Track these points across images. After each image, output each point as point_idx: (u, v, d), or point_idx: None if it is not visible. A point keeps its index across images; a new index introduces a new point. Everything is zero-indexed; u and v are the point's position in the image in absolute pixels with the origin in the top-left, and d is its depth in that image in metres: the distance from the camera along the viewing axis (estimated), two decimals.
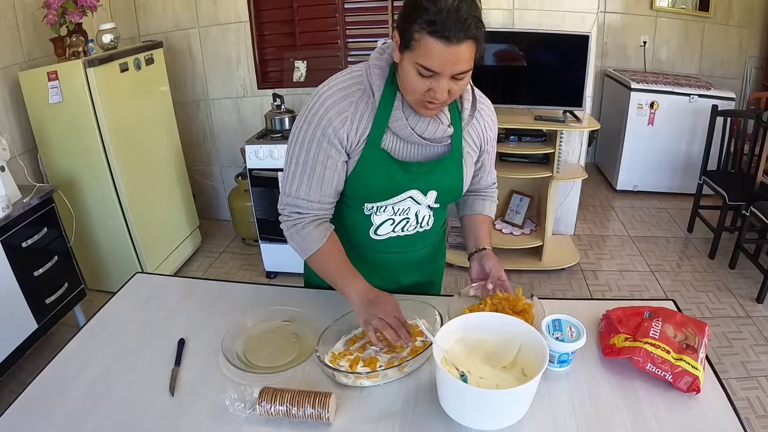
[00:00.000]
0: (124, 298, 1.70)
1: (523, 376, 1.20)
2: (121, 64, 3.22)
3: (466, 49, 1.17)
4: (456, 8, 1.13)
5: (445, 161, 1.43)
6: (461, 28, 1.13)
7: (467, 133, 1.46)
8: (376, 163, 1.37)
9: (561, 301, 1.63)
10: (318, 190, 1.40)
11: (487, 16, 2.20)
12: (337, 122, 1.33)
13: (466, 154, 1.47)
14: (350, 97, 1.34)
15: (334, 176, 1.39)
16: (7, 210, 2.60)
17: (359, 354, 1.33)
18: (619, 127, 4.82)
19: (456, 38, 1.14)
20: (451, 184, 1.47)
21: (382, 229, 1.50)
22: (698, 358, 1.25)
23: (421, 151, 1.41)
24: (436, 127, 1.36)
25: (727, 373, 2.75)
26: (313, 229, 1.42)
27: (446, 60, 1.17)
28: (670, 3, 5.08)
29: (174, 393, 1.29)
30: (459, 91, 1.26)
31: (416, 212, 1.49)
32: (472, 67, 1.23)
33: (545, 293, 3.51)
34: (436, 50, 1.16)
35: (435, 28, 1.13)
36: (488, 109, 1.51)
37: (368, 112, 1.34)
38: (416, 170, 1.40)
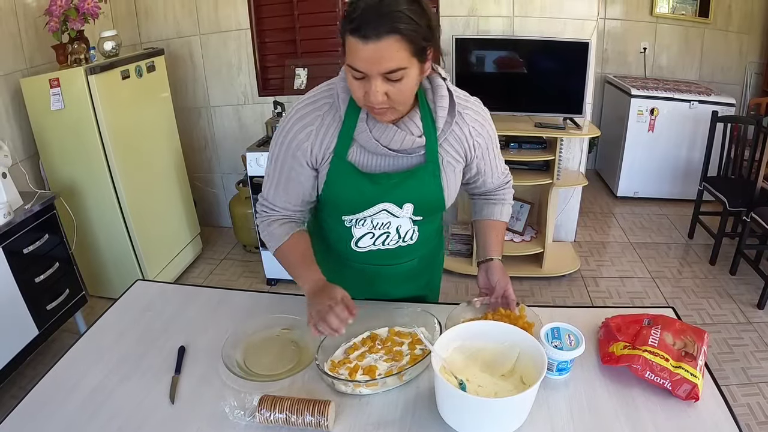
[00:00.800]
0: (124, 306, 1.71)
1: (521, 385, 1.20)
2: (123, 71, 3.23)
3: (388, 45, 1.11)
4: (376, 4, 1.11)
5: (419, 173, 1.37)
6: (379, 23, 1.10)
7: (446, 141, 1.39)
8: (344, 176, 1.37)
9: (560, 309, 1.63)
10: (284, 197, 1.45)
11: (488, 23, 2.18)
12: (302, 136, 1.35)
13: (447, 164, 1.40)
14: (317, 111, 1.35)
15: (298, 187, 1.43)
16: (9, 216, 2.61)
17: (358, 362, 1.34)
18: (620, 134, 4.83)
19: (374, 34, 1.10)
20: (430, 197, 1.41)
21: (362, 242, 1.49)
22: (697, 365, 1.25)
23: (391, 162, 1.38)
24: (402, 138, 1.31)
25: (728, 380, 2.74)
26: (278, 226, 1.47)
27: (368, 58, 1.13)
28: (670, 9, 5.09)
29: (174, 400, 1.29)
30: (401, 94, 1.20)
31: (397, 226, 1.46)
32: (407, 66, 1.15)
33: (546, 300, 3.51)
34: (358, 49, 1.13)
35: (353, 26, 1.12)
36: (474, 113, 1.41)
37: (334, 125, 1.34)
38: (385, 182, 1.37)
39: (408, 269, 1.60)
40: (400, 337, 1.43)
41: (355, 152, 1.36)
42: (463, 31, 3.66)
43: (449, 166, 1.41)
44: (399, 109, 1.25)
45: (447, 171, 1.41)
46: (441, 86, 1.34)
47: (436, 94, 1.33)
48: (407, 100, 1.25)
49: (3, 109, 3.07)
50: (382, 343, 1.41)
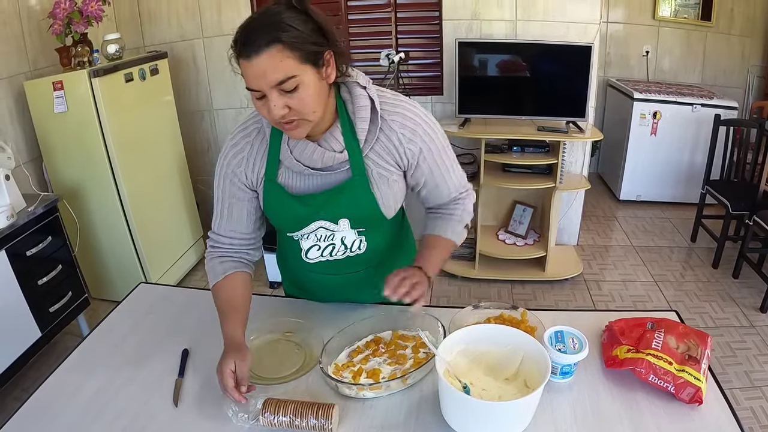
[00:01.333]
0: (128, 308, 1.71)
1: (525, 388, 1.20)
2: (126, 74, 3.24)
3: (270, 56, 1.11)
4: (248, 23, 1.15)
5: (348, 188, 1.34)
6: (254, 38, 1.11)
7: (372, 152, 1.34)
8: (276, 198, 1.38)
9: (563, 313, 1.63)
10: (229, 225, 1.45)
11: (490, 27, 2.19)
12: (235, 163, 1.38)
13: (378, 175, 1.35)
14: (247, 137, 1.37)
15: (242, 211, 1.43)
16: (12, 219, 2.62)
17: (362, 365, 1.34)
18: (622, 137, 4.82)
19: (254, 50, 1.11)
20: (364, 210, 1.38)
21: (311, 254, 1.48)
22: (701, 369, 1.25)
23: (319, 180, 1.36)
24: (322, 155, 1.30)
25: (731, 383, 2.74)
26: (218, 263, 1.45)
27: (255, 74, 1.13)
28: (673, 13, 5.09)
29: (178, 404, 1.30)
30: (303, 105, 1.17)
31: (342, 237, 1.44)
32: (298, 74, 1.14)
33: (548, 304, 3.51)
34: (246, 68, 1.14)
35: (237, 50, 1.15)
36: (403, 119, 1.33)
37: (263, 149, 1.36)
38: (313, 202, 1.36)
39: (365, 277, 1.55)
40: (403, 341, 1.43)
41: (283, 174, 1.37)
42: (465, 35, 3.67)
43: (381, 178, 1.36)
44: (309, 119, 1.21)
45: (379, 182, 1.36)
46: (360, 96, 1.31)
47: (354, 104, 1.30)
48: (314, 108, 1.20)
49: (6, 112, 3.08)
50: (386, 347, 1.41)
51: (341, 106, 1.31)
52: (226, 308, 1.38)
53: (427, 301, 3.23)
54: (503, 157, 3.49)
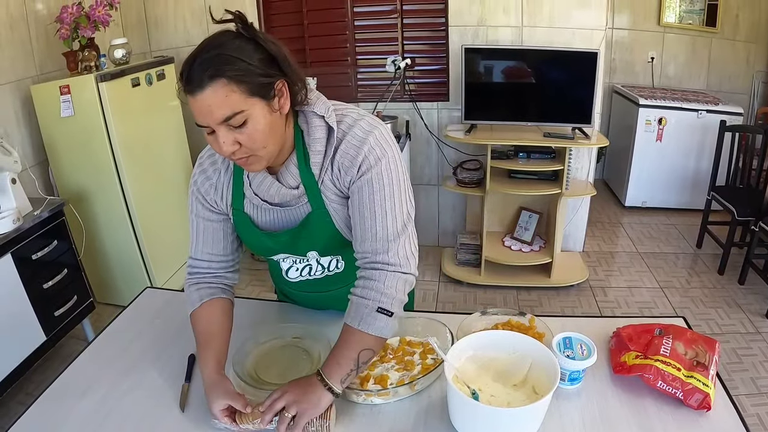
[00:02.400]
0: (134, 313, 1.71)
1: (534, 394, 1.20)
2: (133, 79, 3.25)
3: (213, 92, 1.05)
4: (191, 57, 1.09)
5: (309, 222, 1.30)
6: (196, 75, 1.06)
7: (325, 186, 1.27)
8: (244, 227, 1.36)
9: (571, 319, 1.63)
10: (205, 248, 1.41)
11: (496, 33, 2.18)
12: (205, 188, 1.35)
13: (333, 209, 1.29)
14: (214, 165, 1.34)
15: (216, 234, 1.40)
16: (18, 222, 2.62)
17: (370, 371, 1.33)
18: (628, 144, 4.82)
19: (197, 86, 1.05)
20: (329, 240, 1.35)
21: (290, 273, 1.48)
22: (709, 375, 1.24)
23: (281, 215, 1.33)
24: (278, 191, 1.27)
25: (738, 390, 2.72)
26: (194, 291, 1.41)
27: (200, 111, 1.08)
28: (678, 19, 5.09)
29: (184, 408, 1.29)
30: (253, 141, 1.11)
31: (317, 259, 1.43)
32: (245, 108, 1.08)
33: (554, 310, 3.50)
34: (192, 105, 1.09)
35: (183, 83, 1.08)
36: (347, 147, 1.23)
37: (228, 176, 1.33)
38: (277, 238, 1.34)
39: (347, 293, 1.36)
40: (411, 347, 1.42)
41: (248, 205, 1.34)
42: (472, 41, 3.67)
43: (336, 211, 1.30)
44: (261, 155, 1.15)
45: (336, 214, 1.30)
46: (316, 127, 1.23)
47: (310, 136, 1.23)
48: (264, 143, 1.13)
49: (13, 116, 3.09)
50: (394, 353, 1.40)
51: (298, 137, 1.25)
52: (201, 341, 1.34)
53: (433, 307, 3.19)
54: (509, 163, 3.49)
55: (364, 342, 1.22)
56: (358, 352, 1.21)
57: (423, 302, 3.59)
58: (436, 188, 4.09)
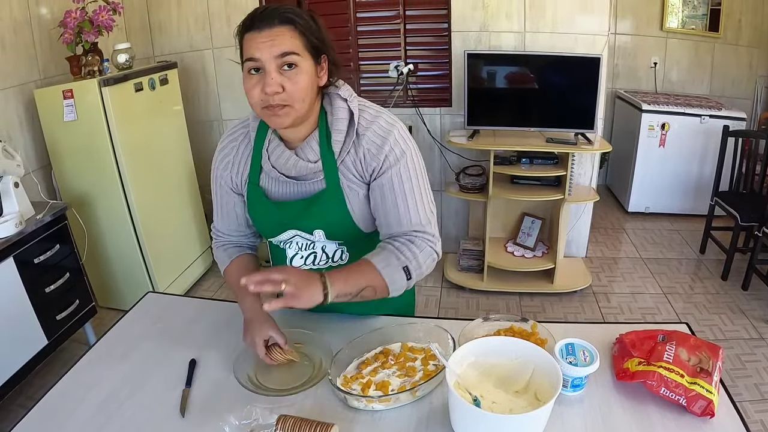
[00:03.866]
0: (135, 318, 1.71)
1: (536, 401, 1.19)
2: (136, 84, 3.26)
3: (281, 31, 1.19)
4: (265, 6, 1.23)
5: (321, 199, 1.36)
6: (269, 16, 1.19)
7: (344, 165, 1.35)
8: (257, 201, 1.44)
9: (573, 325, 1.62)
10: (224, 224, 1.57)
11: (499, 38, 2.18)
12: (222, 167, 1.47)
13: (349, 189, 1.36)
14: (234, 142, 1.45)
15: (232, 213, 1.53)
16: (20, 226, 2.62)
17: (371, 377, 1.32)
18: (631, 149, 4.82)
19: (267, 24, 1.19)
20: (338, 223, 1.39)
21: (295, 262, 1.52)
22: (712, 381, 1.24)
23: (296, 188, 1.39)
24: (295, 164, 1.33)
25: (741, 396, 2.71)
26: (221, 252, 1.59)
27: (261, 44, 1.19)
28: (680, 24, 5.09)
29: (185, 413, 1.29)
30: (297, 89, 1.22)
31: (322, 246, 1.47)
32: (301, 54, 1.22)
33: (557, 316, 3.49)
34: (253, 39, 1.20)
35: (247, 25, 1.22)
36: (374, 136, 1.33)
37: (247, 153, 1.43)
38: (289, 209, 1.40)
39: None
40: (413, 353, 1.41)
41: (264, 179, 1.42)
42: (474, 46, 3.67)
43: (352, 191, 1.37)
44: (296, 107, 1.24)
45: (350, 196, 1.37)
46: (339, 108, 1.33)
47: (333, 115, 1.33)
48: (304, 96, 1.24)
49: (16, 120, 3.10)
50: (395, 359, 1.40)
51: (322, 117, 1.35)
52: (238, 287, 1.44)
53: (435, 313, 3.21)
54: (512, 169, 3.48)
55: (375, 282, 1.32)
56: (366, 286, 1.31)
57: (425, 308, 3.58)
58: (439, 194, 4.09)
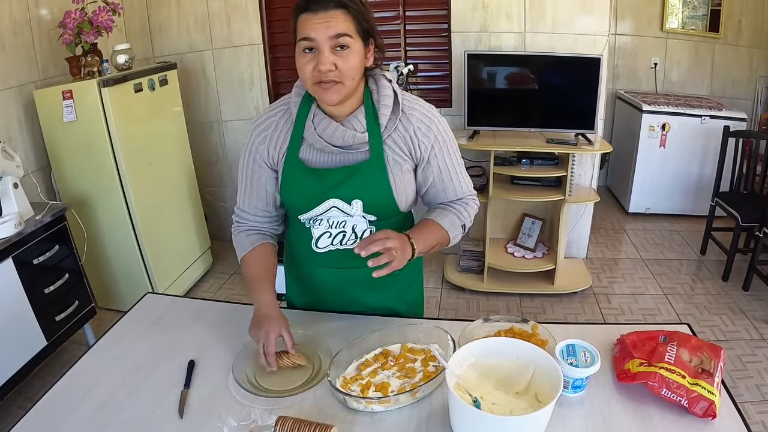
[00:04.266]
0: (134, 318, 1.70)
1: (536, 402, 1.18)
2: (136, 85, 3.25)
3: (335, 14, 1.26)
4: None
5: (364, 168, 1.42)
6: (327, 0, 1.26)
7: (390, 139, 1.43)
8: (295, 173, 1.46)
9: (574, 326, 1.61)
10: (250, 201, 1.57)
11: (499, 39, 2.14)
12: (258, 141, 1.49)
13: (393, 161, 1.43)
14: (272, 118, 1.49)
15: (262, 190, 1.54)
16: (20, 227, 2.62)
17: (371, 379, 1.32)
18: (631, 150, 4.81)
19: (322, 6, 1.26)
20: (377, 194, 1.44)
21: (321, 242, 1.54)
22: (714, 382, 1.23)
23: (337, 159, 1.45)
24: (344, 133, 1.39)
25: (743, 397, 2.70)
26: (244, 237, 1.58)
27: (316, 25, 1.26)
28: (681, 24, 5.09)
29: (183, 415, 1.28)
30: (348, 67, 1.30)
31: (353, 225, 1.49)
32: (353, 36, 1.29)
33: (558, 317, 3.49)
34: (308, 20, 1.27)
35: (302, 7, 1.28)
36: (421, 116, 1.44)
37: (287, 127, 1.47)
38: (330, 178, 1.43)
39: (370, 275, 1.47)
40: (413, 354, 1.41)
41: (305, 150, 1.46)
42: (474, 47, 3.67)
43: (395, 164, 1.44)
44: (346, 84, 1.32)
45: (393, 169, 1.44)
46: (385, 86, 1.43)
47: (380, 93, 1.42)
48: (354, 75, 1.32)
49: (16, 120, 3.10)
50: (395, 360, 1.39)
51: (367, 95, 1.43)
52: (256, 278, 1.51)
53: (436, 314, 3.20)
54: (512, 170, 3.48)
55: (443, 239, 1.50)
56: (436, 243, 1.48)
57: (425, 309, 3.56)
58: None
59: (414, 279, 1.74)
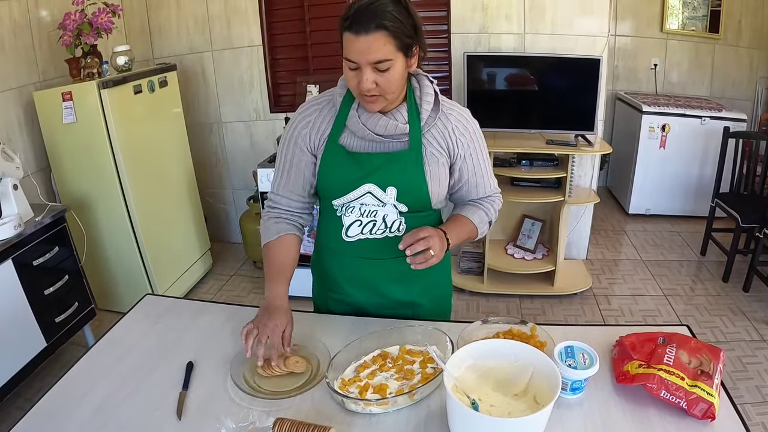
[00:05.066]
0: (133, 320, 1.71)
1: (535, 404, 1.18)
2: (135, 86, 3.25)
3: (375, 38, 1.28)
4: (367, 4, 1.29)
5: (402, 157, 1.47)
6: (368, 20, 1.27)
7: (429, 133, 1.49)
8: (334, 156, 1.50)
9: (573, 327, 1.61)
10: (286, 185, 1.59)
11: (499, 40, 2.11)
12: (301, 125, 1.53)
13: (430, 155, 1.49)
14: (317, 105, 1.54)
15: (299, 174, 1.57)
16: (19, 228, 2.62)
17: (369, 381, 1.32)
18: (631, 151, 4.81)
19: (364, 29, 1.27)
20: (412, 183, 1.48)
21: (351, 231, 1.56)
22: (713, 384, 1.23)
23: (377, 146, 1.49)
24: (386, 123, 1.43)
25: (742, 398, 2.70)
26: (272, 224, 1.60)
27: (359, 49, 1.29)
28: (681, 25, 5.09)
29: (181, 416, 1.28)
30: (389, 84, 1.34)
31: (384, 215, 1.52)
32: (393, 58, 1.31)
33: (557, 318, 3.48)
34: (351, 42, 1.30)
35: (347, 24, 1.30)
36: (458, 115, 1.52)
37: (331, 115, 1.52)
38: (368, 162, 1.47)
39: (397, 268, 1.57)
40: (411, 356, 1.41)
41: (346, 137, 1.50)
42: (474, 48, 3.67)
43: (432, 158, 1.49)
44: (387, 97, 1.38)
45: (430, 162, 1.49)
46: (428, 86, 1.49)
47: (423, 91, 1.47)
48: (395, 89, 1.38)
49: (16, 122, 3.10)
50: (393, 362, 1.39)
51: (410, 92, 1.48)
52: (276, 269, 1.53)
53: None
54: (512, 171, 3.48)
55: (472, 234, 1.59)
56: (466, 238, 1.58)
57: None
58: None
59: (442, 277, 1.76)
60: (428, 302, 1.71)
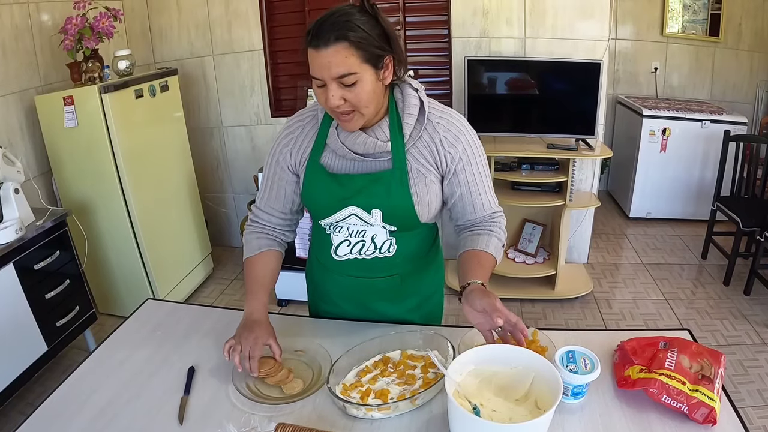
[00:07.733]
0: (134, 324, 1.70)
1: (536, 409, 1.18)
2: (136, 90, 3.26)
3: (336, 51, 1.21)
4: (328, 16, 1.24)
5: (385, 178, 1.40)
6: (326, 32, 1.21)
7: (415, 148, 1.41)
8: (316, 176, 1.46)
9: (574, 332, 1.61)
10: (268, 201, 1.57)
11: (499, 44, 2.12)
12: (284, 143, 1.50)
13: (416, 172, 1.41)
14: (300, 122, 1.50)
15: (281, 191, 1.54)
16: (21, 232, 2.62)
17: (370, 386, 1.32)
18: (632, 154, 4.81)
19: (322, 42, 1.21)
20: (397, 204, 1.41)
21: (340, 250, 1.53)
22: (714, 388, 1.23)
23: (359, 166, 1.44)
24: (365, 141, 1.37)
25: (744, 402, 2.70)
26: (254, 239, 1.57)
27: (320, 65, 1.24)
28: (681, 29, 5.10)
29: (183, 422, 1.28)
30: (359, 100, 1.27)
31: (373, 236, 1.49)
32: (359, 71, 1.24)
33: (558, 323, 3.48)
34: (313, 57, 1.24)
35: (308, 39, 1.24)
36: (448, 125, 1.42)
37: (312, 132, 1.47)
38: (350, 183, 1.42)
39: (389, 286, 1.58)
40: (412, 361, 1.41)
41: (327, 156, 1.45)
42: (475, 52, 3.67)
43: (419, 175, 1.42)
44: (363, 113, 1.31)
45: (417, 179, 1.42)
46: (411, 95, 1.40)
47: (405, 102, 1.39)
48: (368, 103, 1.30)
49: (17, 126, 3.11)
50: (395, 367, 1.39)
51: (392, 105, 1.41)
52: (256, 284, 1.51)
53: None
54: (512, 175, 3.48)
55: (492, 264, 1.47)
56: (491, 270, 1.46)
57: None
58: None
59: (434, 292, 1.73)
60: (419, 319, 1.68)
